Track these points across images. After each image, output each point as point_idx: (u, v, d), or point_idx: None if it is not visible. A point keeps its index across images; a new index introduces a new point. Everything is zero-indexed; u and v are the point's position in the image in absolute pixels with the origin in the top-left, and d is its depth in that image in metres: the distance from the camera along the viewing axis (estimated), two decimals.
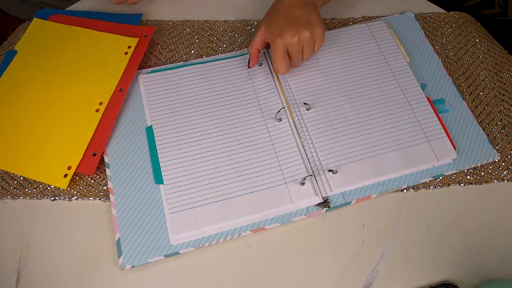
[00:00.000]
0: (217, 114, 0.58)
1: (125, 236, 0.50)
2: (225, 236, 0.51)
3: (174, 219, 0.51)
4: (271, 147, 0.56)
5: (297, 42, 0.54)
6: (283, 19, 0.55)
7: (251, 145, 0.56)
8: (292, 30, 0.54)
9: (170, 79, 0.60)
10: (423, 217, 0.53)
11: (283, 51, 0.56)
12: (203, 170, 0.54)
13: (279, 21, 0.56)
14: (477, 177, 0.56)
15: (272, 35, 0.56)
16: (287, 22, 0.55)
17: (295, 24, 0.54)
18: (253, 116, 0.58)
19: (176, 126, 0.57)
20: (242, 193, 0.52)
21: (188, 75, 0.61)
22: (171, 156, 0.54)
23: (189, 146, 0.55)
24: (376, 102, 0.58)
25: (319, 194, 0.53)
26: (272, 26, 0.56)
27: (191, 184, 0.53)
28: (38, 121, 0.56)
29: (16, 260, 0.50)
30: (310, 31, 0.54)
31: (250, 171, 0.54)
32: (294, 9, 0.56)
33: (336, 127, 0.56)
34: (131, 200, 0.52)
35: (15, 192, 0.54)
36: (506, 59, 0.65)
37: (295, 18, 0.55)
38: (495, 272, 0.50)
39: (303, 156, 0.55)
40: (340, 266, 0.50)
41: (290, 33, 0.54)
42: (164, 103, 0.58)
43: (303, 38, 0.54)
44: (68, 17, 0.65)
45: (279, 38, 0.54)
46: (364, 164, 0.54)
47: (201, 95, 0.59)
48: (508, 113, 0.60)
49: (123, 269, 0.48)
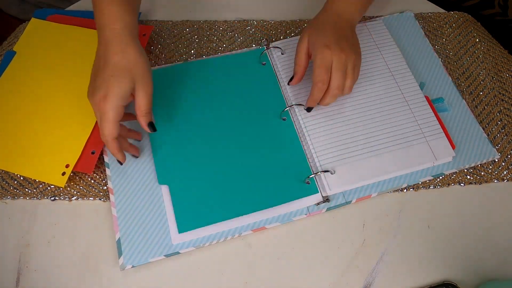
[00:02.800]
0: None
1: (125, 236, 0.50)
2: (226, 235, 0.51)
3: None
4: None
5: (345, 58, 0.50)
6: (332, 31, 0.52)
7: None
8: (341, 44, 0.50)
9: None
10: (423, 217, 0.53)
11: (329, 63, 0.50)
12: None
13: (327, 32, 0.52)
14: (477, 177, 0.56)
15: (317, 45, 0.51)
16: (337, 36, 0.51)
17: (344, 41, 0.51)
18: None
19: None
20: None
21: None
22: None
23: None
24: (374, 101, 0.58)
25: (319, 193, 0.53)
26: (319, 36, 0.52)
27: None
28: (36, 120, 0.56)
29: (16, 260, 0.50)
30: (357, 56, 0.51)
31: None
32: (342, 27, 0.53)
33: (333, 126, 0.56)
34: (131, 200, 0.52)
35: (15, 192, 0.54)
36: (506, 59, 0.65)
37: (344, 36, 0.52)
38: (495, 272, 0.50)
39: (304, 156, 0.55)
40: (340, 266, 0.50)
41: (339, 47, 0.50)
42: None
43: (350, 58, 0.50)
44: (66, 17, 0.65)
45: (327, 49, 0.50)
46: (362, 164, 0.54)
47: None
48: (508, 113, 0.60)
49: (123, 269, 0.48)
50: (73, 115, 0.57)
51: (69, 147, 0.54)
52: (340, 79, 0.51)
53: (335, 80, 0.50)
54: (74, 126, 0.56)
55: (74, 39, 0.63)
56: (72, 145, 0.54)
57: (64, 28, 0.64)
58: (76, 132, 0.55)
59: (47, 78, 0.60)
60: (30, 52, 0.62)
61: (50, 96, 0.58)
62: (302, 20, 0.68)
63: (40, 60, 0.61)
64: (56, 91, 0.59)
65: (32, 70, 0.61)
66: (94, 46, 0.58)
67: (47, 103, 0.58)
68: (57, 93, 0.58)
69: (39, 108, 0.57)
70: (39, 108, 0.57)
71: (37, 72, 0.60)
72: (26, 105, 0.58)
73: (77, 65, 0.61)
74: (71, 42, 0.63)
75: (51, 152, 0.54)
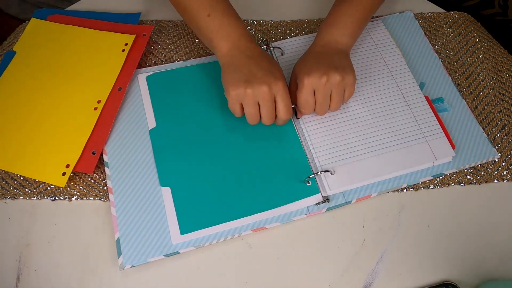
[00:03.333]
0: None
1: (125, 235, 0.50)
2: (226, 235, 0.51)
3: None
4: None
5: (325, 83, 0.51)
6: (313, 60, 0.54)
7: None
8: (321, 70, 0.51)
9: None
10: (423, 217, 0.53)
11: (309, 90, 0.52)
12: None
13: (309, 62, 0.54)
14: (477, 177, 0.56)
15: (299, 75, 0.53)
16: (317, 63, 0.52)
17: (325, 65, 0.52)
18: None
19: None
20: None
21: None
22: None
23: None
24: (374, 101, 0.58)
25: (319, 193, 0.53)
26: (301, 66, 0.54)
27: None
28: (36, 120, 0.56)
29: (16, 260, 0.50)
30: (341, 74, 0.51)
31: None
32: (326, 54, 0.54)
33: (333, 126, 0.56)
34: (130, 199, 0.52)
35: (15, 192, 0.54)
36: (506, 59, 0.65)
37: (326, 60, 0.53)
38: (495, 272, 0.50)
39: (304, 156, 0.55)
40: (340, 266, 0.50)
41: (319, 73, 0.51)
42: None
43: (332, 80, 0.51)
44: (66, 17, 0.65)
45: (306, 77, 0.51)
46: (362, 164, 0.54)
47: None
48: (508, 113, 0.60)
49: (123, 269, 0.48)
50: (73, 115, 0.57)
51: (69, 147, 0.54)
52: (324, 106, 0.53)
53: (318, 107, 0.54)
54: (75, 126, 0.56)
55: (74, 39, 0.63)
56: (72, 145, 0.54)
57: (64, 28, 0.64)
58: (76, 132, 0.55)
59: (47, 78, 0.60)
60: (30, 52, 0.62)
61: (50, 96, 0.58)
62: (302, 20, 0.68)
63: (40, 60, 0.61)
64: (56, 91, 0.59)
65: (32, 70, 0.60)
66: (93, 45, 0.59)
67: (47, 103, 0.58)
68: (57, 93, 0.58)
69: (39, 108, 0.57)
70: (39, 108, 0.57)
71: (37, 72, 0.60)
72: (26, 105, 0.58)
73: (77, 65, 0.61)
74: (71, 42, 0.63)
75: (51, 152, 0.54)
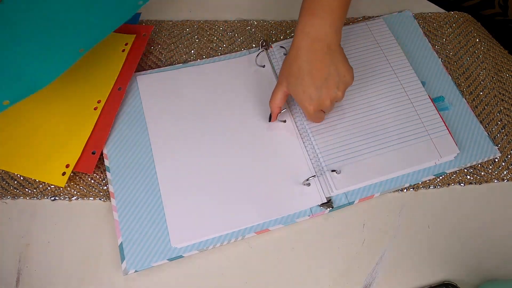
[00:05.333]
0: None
1: (128, 240, 0.49)
2: (229, 238, 0.50)
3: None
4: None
5: (330, 104, 0.50)
6: (308, 79, 0.49)
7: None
8: (323, 95, 0.49)
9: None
10: (423, 217, 0.53)
11: (316, 114, 0.52)
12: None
13: (304, 81, 0.49)
14: (477, 177, 0.56)
15: (299, 98, 0.50)
16: (314, 85, 0.49)
17: (325, 87, 0.49)
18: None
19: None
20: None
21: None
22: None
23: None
24: (377, 99, 0.58)
25: (322, 194, 0.53)
26: (297, 87, 0.50)
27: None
28: (36, 120, 0.56)
29: (16, 260, 0.50)
30: (342, 89, 0.50)
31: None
32: (317, 61, 0.49)
33: (337, 126, 0.56)
34: (132, 204, 0.52)
35: (15, 192, 0.54)
36: (506, 59, 0.65)
37: (321, 77, 0.49)
38: (495, 272, 0.50)
39: (306, 157, 0.55)
40: (340, 266, 0.50)
41: (322, 98, 0.49)
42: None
43: (337, 98, 0.51)
44: None
45: (311, 105, 0.50)
46: (367, 163, 0.54)
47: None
48: (508, 113, 0.60)
49: (126, 274, 0.48)
50: (73, 114, 0.57)
51: (69, 147, 0.54)
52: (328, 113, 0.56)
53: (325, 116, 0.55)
54: (75, 126, 0.56)
55: None
56: (72, 145, 0.54)
57: None
58: (76, 132, 0.55)
59: None
60: None
61: (51, 96, 0.58)
62: None
63: None
64: (56, 91, 0.58)
65: None
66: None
67: (47, 103, 0.58)
68: (57, 93, 0.58)
69: (39, 107, 0.57)
70: (39, 107, 0.57)
71: None
72: (26, 104, 0.57)
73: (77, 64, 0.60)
74: None
75: (51, 152, 0.54)
